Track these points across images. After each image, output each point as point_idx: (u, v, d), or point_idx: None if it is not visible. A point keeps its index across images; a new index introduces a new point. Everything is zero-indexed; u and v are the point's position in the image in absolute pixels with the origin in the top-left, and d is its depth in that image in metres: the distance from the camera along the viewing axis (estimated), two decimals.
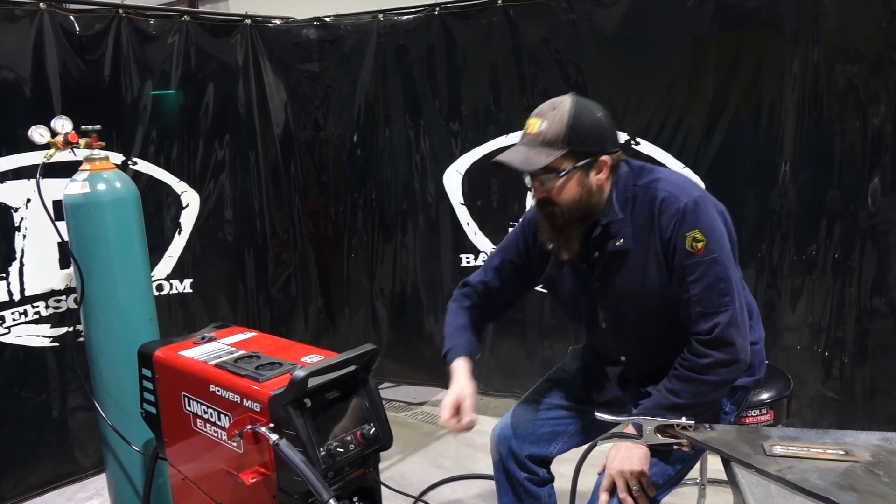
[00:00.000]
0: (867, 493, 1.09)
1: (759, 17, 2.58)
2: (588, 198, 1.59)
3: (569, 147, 1.54)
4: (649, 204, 1.58)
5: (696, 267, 1.53)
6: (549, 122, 1.55)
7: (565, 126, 1.54)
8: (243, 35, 3.23)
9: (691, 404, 1.54)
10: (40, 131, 2.22)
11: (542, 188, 1.61)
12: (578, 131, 1.54)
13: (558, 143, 1.54)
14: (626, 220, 1.60)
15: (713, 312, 1.53)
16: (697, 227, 1.52)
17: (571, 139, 1.54)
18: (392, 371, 3.65)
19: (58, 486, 2.80)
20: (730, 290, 1.53)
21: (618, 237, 1.60)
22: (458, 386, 1.72)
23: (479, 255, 3.34)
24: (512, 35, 3.04)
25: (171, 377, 1.89)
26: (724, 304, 1.53)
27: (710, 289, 1.53)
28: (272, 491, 1.62)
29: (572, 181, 1.57)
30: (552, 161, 1.54)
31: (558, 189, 1.58)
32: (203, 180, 3.16)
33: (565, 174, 1.56)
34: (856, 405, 2.64)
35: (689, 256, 1.53)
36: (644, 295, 1.62)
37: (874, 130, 2.45)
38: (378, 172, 3.48)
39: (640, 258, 1.60)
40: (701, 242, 1.52)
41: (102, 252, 2.23)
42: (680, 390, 1.56)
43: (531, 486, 1.84)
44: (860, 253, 2.54)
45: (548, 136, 1.55)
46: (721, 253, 1.53)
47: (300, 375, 1.53)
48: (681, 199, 1.55)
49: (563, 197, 1.58)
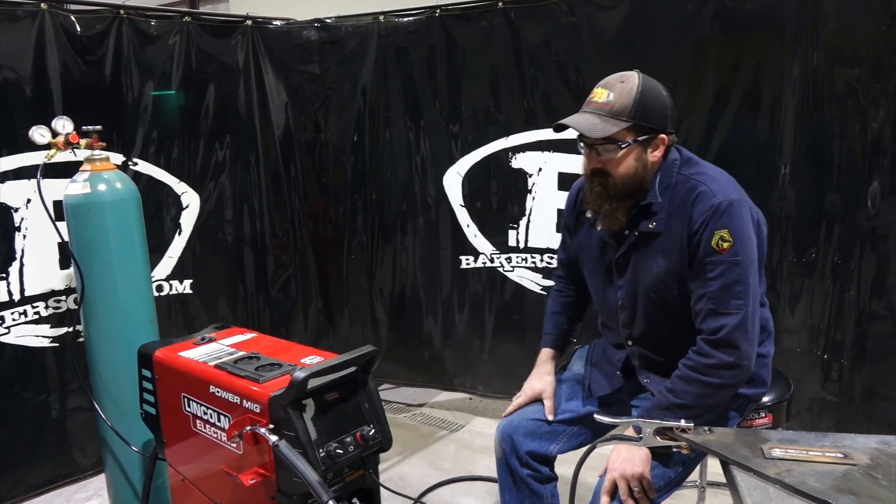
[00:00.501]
0: (865, 496, 1.09)
1: (759, 19, 2.58)
2: (642, 174, 1.62)
3: (633, 121, 1.57)
4: (686, 194, 1.60)
5: (717, 265, 1.54)
6: (616, 93, 1.58)
7: (632, 100, 1.57)
8: (244, 36, 3.23)
9: (691, 405, 1.54)
10: (41, 132, 2.22)
11: (598, 158, 1.63)
12: (644, 106, 1.57)
13: (624, 115, 1.57)
14: (663, 204, 1.62)
15: (724, 313, 1.53)
16: (727, 228, 1.54)
17: (637, 113, 1.57)
18: (391, 373, 3.65)
19: (57, 486, 2.80)
20: (745, 295, 1.53)
21: (652, 219, 1.63)
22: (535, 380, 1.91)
23: (479, 257, 3.34)
24: (512, 37, 3.04)
25: (170, 378, 1.89)
26: (737, 307, 1.53)
27: (726, 289, 1.53)
28: (271, 492, 1.62)
29: (631, 155, 1.60)
30: (616, 132, 1.57)
31: (616, 161, 1.61)
32: (203, 181, 3.16)
33: (626, 147, 1.59)
34: (855, 408, 2.64)
35: (713, 254, 1.54)
36: (661, 280, 1.64)
37: (874, 134, 2.45)
38: (378, 174, 3.49)
39: (666, 244, 1.62)
40: (727, 243, 1.53)
41: (103, 252, 2.23)
42: (681, 391, 1.56)
43: (534, 483, 1.84)
44: (859, 256, 2.54)
45: (615, 107, 1.58)
46: (746, 258, 1.54)
47: (300, 377, 1.53)
48: (717, 196, 1.56)
49: (619, 169, 1.61)
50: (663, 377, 1.69)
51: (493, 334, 3.39)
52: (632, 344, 1.78)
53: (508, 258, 3.28)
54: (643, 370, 1.78)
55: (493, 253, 3.31)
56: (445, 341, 3.52)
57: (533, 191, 3.15)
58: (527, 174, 3.15)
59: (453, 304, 3.45)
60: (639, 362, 1.78)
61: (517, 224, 3.23)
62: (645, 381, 1.77)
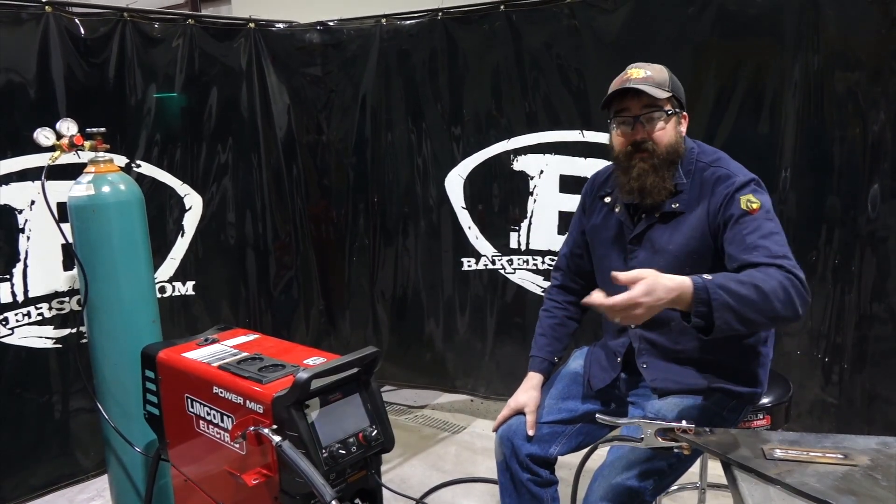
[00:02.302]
0: (866, 496, 1.10)
1: (759, 23, 2.59)
2: (679, 145, 1.72)
3: (671, 93, 1.70)
4: (708, 177, 1.69)
5: (752, 221, 1.57)
6: (652, 71, 1.71)
7: (668, 75, 1.72)
8: (247, 39, 3.25)
9: (768, 292, 1.39)
10: (46, 133, 2.23)
11: (643, 129, 1.71)
12: (675, 83, 1.73)
13: (665, 86, 1.69)
14: (686, 185, 1.71)
15: (779, 255, 1.49)
16: (752, 194, 1.61)
17: (673, 87, 1.72)
18: (392, 374, 3.66)
19: (59, 487, 2.81)
20: (785, 245, 1.53)
21: (676, 199, 1.70)
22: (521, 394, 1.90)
23: (481, 259, 3.35)
24: (514, 40, 3.06)
25: (174, 379, 1.90)
26: (783, 253, 1.50)
27: (769, 237, 1.53)
28: (274, 492, 1.62)
29: (671, 124, 1.71)
30: (665, 98, 1.68)
31: (661, 130, 1.70)
32: (206, 183, 3.18)
33: (671, 114, 1.70)
34: (855, 411, 2.64)
35: (745, 214, 1.59)
36: (675, 258, 1.67)
37: (874, 137, 2.46)
38: (380, 176, 3.50)
39: (685, 224, 1.69)
40: (756, 204, 1.59)
41: (106, 254, 2.24)
42: (760, 279, 1.41)
43: (534, 487, 1.84)
44: (860, 259, 2.55)
45: (656, 80, 1.69)
46: (775, 218, 1.60)
47: (303, 377, 1.54)
48: (739, 175, 1.66)
49: (664, 138, 1.70)
50: (664, 362, 1.73)
51: (494, 336, 3.40)
52: (635, 325, 1.78)
53: (510, 260, 3.29)
54: (643, 354, 1.79)
55: (495, 255, 3.32)
56: (447, 343, 3.53)
57: (534, 193, 3.16)
58: (528, 176, 3.16)
59: (455, 306, 3.46)
60: (640, 345, 1.79)
61: (518, 226, 3.24)
62: (643, 365, 1.78)
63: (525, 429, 1.86)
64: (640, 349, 1.79)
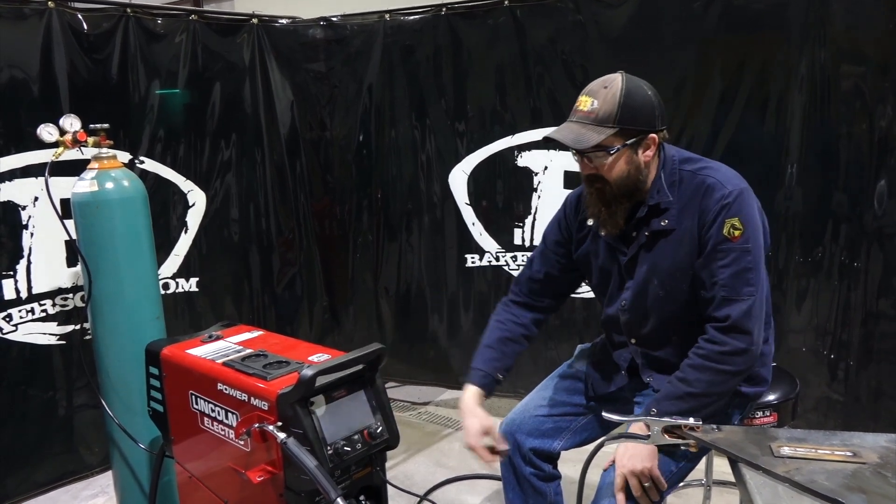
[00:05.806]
0: (875, 494, 1.09)
1: (765, 18, 2.58)
2: (636, 174, 1.63)
3: (620, 126, 1.57)
4: (695, 188, 1.63)
5: (728, 252, 1.56)
6: (600, 100, 1.58)
7: (617, 105, 1.57)
8: (250, 34, 3.24)
9: (703, 393, 1.55)
10: (49, 130, 2.23)
11: (590, 165, 1.64)
12: (630, 109, 1.57)
13: (609, 122, 1.57)
14: (673, 200, 1.64)
15: (736, 299, 1.55)
16: (738, 216, 1.56)
17: (622, 118, 1.57)
18: (396, 371, 3.65)
19: (63, 483, 2.82)
20: (756, 282, 1.56)
21: (664, 217, 1.64)
22: (472, 419, 1.76)
23: (485, 256, 3.34)
24: (518, 36, 3.04)
25: (178, 375, 1.90)
26: (748, 294, 1.55)
27: (738, 276, 1.55)
28: (279, 489, 1.62)
29: (622, 159, 1.61)
30: (603, 139, 1.57)
31: (608, 166, 1.61)
32: (209, 179, 3.17)
33: (615, 152, 1.59)
34: (861, 407, 2.63)
35: (725, 241, 1.56)
36: (671, 275, 1.65)
37: (881, 133, 2.45)
38: (383, 172, 3.49)
39: (676, 239, 1.64)
40: (738, 231, 1.55)
41: (110, 250, 2.24)
42: (693, 379, 1.56)
43: (537, 481, 1.84)
44: (866, 255, 2.54)
45: (599, 115, 1.58)
46: (755, 245, 1.57)
47: (308, 374, 1.53)
48: (727, 186, 1.59)
49: (612, 174, 1.62)
50: (667, 375, 1.69)
51: None
52: (635, 342, 1.78)
53: (514, 256, 3.28)
54: (647, 369, 1.78)
55: (499, 251, 3.31)
56: (451, 340, 3.52)
57: (538, 189, 3.15)
58: (532, 172, 3.15)
59: (458, 303, 3.46)
60: (642, 361, 1.78)
61: (522, 222, 3.23)
62: (648, 379, 1.77)
63: (529, 422, 1.86)
64: (643, 364, 1.79)
